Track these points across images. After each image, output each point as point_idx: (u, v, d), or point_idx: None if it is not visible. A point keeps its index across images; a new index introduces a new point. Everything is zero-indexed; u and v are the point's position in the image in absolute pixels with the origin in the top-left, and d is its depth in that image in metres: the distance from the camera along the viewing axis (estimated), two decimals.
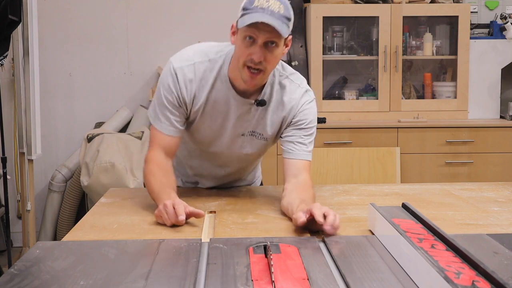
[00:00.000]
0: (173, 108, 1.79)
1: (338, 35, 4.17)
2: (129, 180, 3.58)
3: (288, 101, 1.82)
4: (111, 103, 4.26)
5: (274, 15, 1.61)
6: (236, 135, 1.85)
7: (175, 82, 1.78)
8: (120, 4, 4.24)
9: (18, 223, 4.08)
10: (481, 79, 4.08)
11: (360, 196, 1.99)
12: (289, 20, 1.66)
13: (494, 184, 2.18)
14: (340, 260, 1.28)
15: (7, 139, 3.73)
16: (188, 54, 1.81)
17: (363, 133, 3.84)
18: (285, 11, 1.65)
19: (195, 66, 1.78)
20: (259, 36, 1.63)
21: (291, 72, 1.87)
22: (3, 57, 3.26)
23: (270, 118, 1.83)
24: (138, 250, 1.38)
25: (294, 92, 1.83)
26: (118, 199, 1.95)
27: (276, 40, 1.65)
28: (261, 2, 1.62)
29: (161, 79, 1.82)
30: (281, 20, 1.63)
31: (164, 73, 1.82)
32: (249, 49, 1.65)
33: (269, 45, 1.65)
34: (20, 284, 1.15)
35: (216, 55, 1.79)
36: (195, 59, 1.79)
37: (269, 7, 1.62)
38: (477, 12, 4.13)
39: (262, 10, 1.61)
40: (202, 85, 1.78)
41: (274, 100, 1.82)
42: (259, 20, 1.59)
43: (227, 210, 1.77)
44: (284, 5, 1.65)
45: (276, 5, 1.63)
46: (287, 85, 1.83)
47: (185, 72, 1.78)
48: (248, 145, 1.88)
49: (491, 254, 1.31)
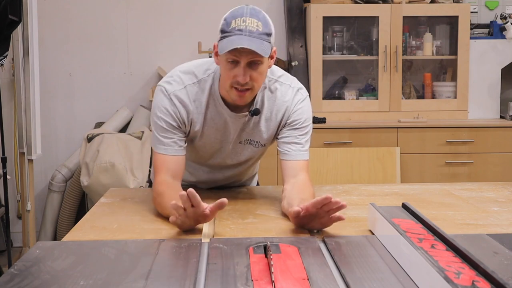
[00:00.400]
0: (173, 129, 1.77)
1: (338, 35, 4.17)
2: (129, 180, 3.58)
3: (281, 104, 1.81)
4: (111, 103, 4.26)
5: (253, 35, 1.59)
6: (235, 145, 1.86)
7: (172, 104, 1.76)
8: (120, 4, 4.24)
9: (18, 223, 4.08)
10: (481, 79, 4.08)
11: (360, 196, 1.99)
12: (269, 35, 1.64)
13: (494, 184, 2.18)
14: (340, 260, 1.28)
15: (7, 139, 3.73)
16: (178, 77, 1.79)
17: (363, 133, 3.84)
18: (264, 27, 1.62)
19: (187, 89, 1.77)
20: (241, 58, 1.61)
21: (280, 75, 1.85)
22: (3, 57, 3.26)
23: (265, 125, 1.83)
24: (138, 250, 1.38)
25: (286, 94, 1.82)
26: (118, 199, 1.95)
27: (259, 59, 1.63)
28: (238, 23, 1.59)
29: (156, 105, 1.79)
30: (261, 39, 1.60)
31: (159, 99, 1.78)
32: (233, 71, 1.64)
33: (253, 64, 1.63)
34: (20, 284, 1.15)
35: (204, 74, 1.78)
36: (186, 82, 1.77)
37: (246, 27, 1.59)
38: (477, 12, 4.13)
39: (240, 32, 1.59)
40: (196, 106, 1.77)
41: (266, 107, 1.81)
42: (238, 46, 1.57)
43: (227, 210, 1.77)
44: (262, 22, 1.62)
45: (254, 24, 1.60)
46: (277, 88, 1.82)
47: (179, 95, 1.76)
48: (246, 152, 1.88)
49: (491, 254, 1.30)
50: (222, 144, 1.85)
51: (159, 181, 1.75)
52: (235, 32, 1.59)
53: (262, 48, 1.60)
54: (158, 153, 1.79)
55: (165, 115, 1.76)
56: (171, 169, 1.77)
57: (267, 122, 1.83)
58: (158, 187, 1.73)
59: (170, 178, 1.75)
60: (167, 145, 1.77)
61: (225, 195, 1.95)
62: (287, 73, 1.88)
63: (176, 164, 1.78)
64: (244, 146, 1.87)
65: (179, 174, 1.79)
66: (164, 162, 1.77)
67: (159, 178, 1.76)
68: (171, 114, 1.76)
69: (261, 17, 1.63)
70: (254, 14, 1.62)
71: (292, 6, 4.16)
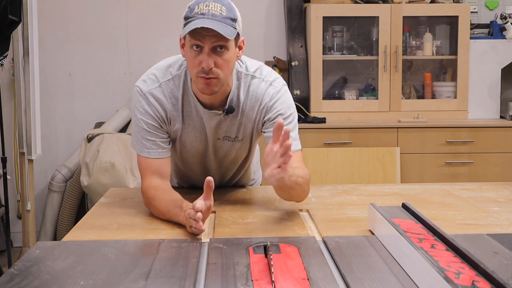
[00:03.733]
0: (154, 130, 1.75)
1: (338, 35, 4.17)
2: (129, 180, 3.58)
3: (255, 99, 1.77)
4: (111, 103, 4.26)
5: (216, 18, 1.57)
6: (214, 141, 1.83)
7: (149, 104, 1.74)
8: (120, 4, 4.24)
9: (18, 223, 4.08)
10: (481, 79, 4.08)
11: (360, 196, 1.99)
12: (234, 21, 1.61)
13: (494, 184, 2.18)
14: (340, 260, 1.28)
15: (7, 139, 3.73)
16: (153, 74, 1.77)
17: (363, 133, 3.84)
18: (228, 12, 1.60)
19: (162, 87, 1.75)
20: (204, 43, 1.58)
21: (255, 69, 1.79)
22: (3, 57, 3.26)
23: (240, 121, 1.79)
24: (138, 250, 1.38)
25: (258, 88, 1.77)
26: (118, 199, 1.95)
27: (224, 43, 1.59)
28: (201, 8, 1.58)
29: (134, 107, 1.76)
30: (225, 22, 1.58)
31: (136, 100, 1.76)
32: (197, 58, 1.61)
33: (218, 50, 1.60)
34: (20, 284, 1.15)
35: (178, 71, 1.76)
36: (160, 80, 1.75)
37: (209, 11, 1.57)
38: (477, 12, 4.13)
39: (202, 16, 1.57)
40: (173, 103, 1.75)
41: (242, 103, 1.78)
42: (200, 26, 1.54)
43: (227, 210, 1.77)
44: (226, 7, 1.60)
45: (217, 8, 1.58)
46: (252, 83, 1.78)
47: (155, 93, 1.74)
48: (226, 148, 1.85)
49: (491, 254, 1.30)
50: (201, 142, 1.82)
51: (147, 185, 1.74)
52: (197, 16, 1.57)
53: (225, 31, 1.57)
54: (142, 156, 1.76)
55: (144, 116, 1.74)
56: (157, 172, 1.75)
57: (242, 118, 1.79)
58: (148, 193, 1.72)
59: (157, 180, 1.74)
60: (150, 148, 1.75)
61: (225, 195, 1.95)
62: (264, 66, 1.83)
63: (161, 166, 1.76)
64: (223, 142, 1.84)
65: (165, 174, 1.77)
66: (148, 166, 1.75)
67: (146, 182, 1.75)
68: (150, 114, 1.74)
69: (226, 3, 1.61)
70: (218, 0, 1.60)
71: (292, 6, 4.15)
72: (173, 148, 1.84)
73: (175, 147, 1.84)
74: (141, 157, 1.77)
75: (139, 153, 1.78)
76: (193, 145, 1.83)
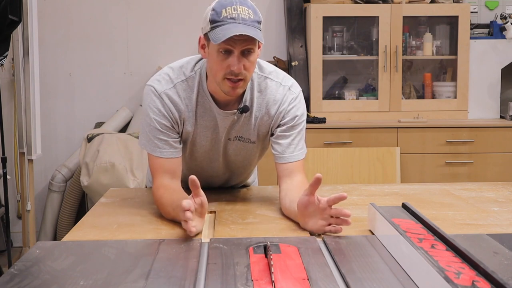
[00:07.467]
0: (167, 130, 1.74)
1: (338, 35, 4.17)
2: (129, 180, 3.58)
3: (272, 103, 1.77)
4: (111, 103, 4.26)
5: (246, 22, 1.57)
6: (225, 142, 1.83)
7: (164, 104, 1.73)
8: (120, 4, 4.24)
9: (18, 223, 4.09)
10: (481, 79, 4.08)
11: (360, 196, 1.99)
12: (260, 23, 1.62)
13: (494, 184, 2.18)
14: (340, 260, 1.28)
15: (7, 139, 3.73)
16: (166, 75, 1.76)
17: (363, 133, 3.84)
18: (255, 15, 1.60)
19: (176, 88, 1.74)
20: (235, 47, 1.59)
21: (270, 71, 1.80)
22: (3, 57, 3.26)
23: (255, 123, 1.79)
24: (138, 250, 1.38)
25: (277, 92, 1.78)
26: (118, 199, 1.94)
27: (252, 46, 1.61)
28: (229, 12, 1.57)
29: (147, 106, 1.75)
30: (254, 26, 1.58)
31: (149, 99, 1.74)
32: (226, 62, 1.61)
33: (246, 53, 1.61)
34: (20, 284, 1.15)
35: (192, 72, 1.75)
36: (174, 80, 1.74)
37: (239, 15, 1.56)
38: (477, 12, 4.13)
39: (233, 20, 1.56)
40: (186, 104, 1.75)
41: (256, 104, 1.77)
42: (237, 33, 1.54)
43: (227, 210, 1.77)
44: (252, 9, 1.60)
45: (245, 11, 1.58)
46: (268, 85, 1.78)
47: (170, 94, 1.73)
48: (236, 148, 1.85)
49: (491, 254, 1.30)
50: (212, 142, 1.82)
51: (158, 185, 1.73)
52: (228, 20, 1.56)
53: (257, 35, 1.58)
54: (154, 156, 1.75)
55: (158, 115, 1.73)
56: (168, 171, 1.74)
57: (257, 120, 1.79)
58: (157, 192, 1.72)
59: (168, 180, 1.73)
60: (161, 148, 1.74)
61: (225, 195, 1.95)
62: (278, 69, 1.83)
63: (172, 166, 1.75)
64: (233, 143, 1.83)
65: (176, 174, 1.77)
66: (160, 166, 1.74)
67: (157, 181, 1.74)
68: (164, 114, 1.73)
69: (250, 5, 1.61)
70: (243, 2, 1.60)
71: (292, 6, 4.16)
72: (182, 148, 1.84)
73: (185, 147, 1.84)
74: (152, 157, 1.76)
75: (151, 153, 1.76)
76: (203, 145, 1.83)
